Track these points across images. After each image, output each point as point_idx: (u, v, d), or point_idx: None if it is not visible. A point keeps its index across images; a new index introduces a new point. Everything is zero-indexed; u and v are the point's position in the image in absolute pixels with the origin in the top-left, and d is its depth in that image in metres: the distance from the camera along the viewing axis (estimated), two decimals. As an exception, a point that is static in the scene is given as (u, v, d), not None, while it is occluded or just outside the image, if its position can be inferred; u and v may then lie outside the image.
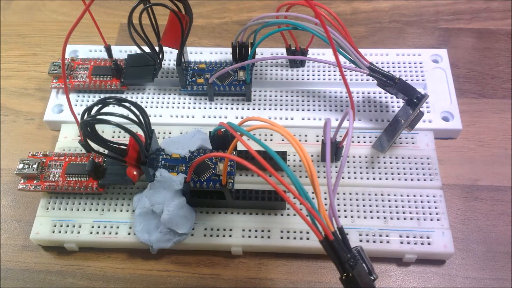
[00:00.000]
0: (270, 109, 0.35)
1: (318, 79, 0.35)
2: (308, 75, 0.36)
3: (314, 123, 0.34)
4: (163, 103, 0.35)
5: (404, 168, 0.32)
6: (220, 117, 0.34)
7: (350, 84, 0.35)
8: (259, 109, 0.35)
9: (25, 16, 0.43)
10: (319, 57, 0.37)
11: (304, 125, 0.34)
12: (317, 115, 0.34)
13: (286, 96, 0.35)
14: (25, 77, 0.39)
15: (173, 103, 0.35)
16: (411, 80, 0.35)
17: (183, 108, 0.35)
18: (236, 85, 0.34)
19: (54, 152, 0.32)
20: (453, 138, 0.34)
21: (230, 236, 0.30)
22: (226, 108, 0.35)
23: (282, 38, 0.34)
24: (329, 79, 0.35)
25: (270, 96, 0.35)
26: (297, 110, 0.34)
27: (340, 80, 0.35)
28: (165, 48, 0.34)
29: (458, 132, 0.34)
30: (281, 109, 0.34)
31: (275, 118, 0.34)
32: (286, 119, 0.34)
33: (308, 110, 0.34)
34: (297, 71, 0.36)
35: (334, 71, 0.36)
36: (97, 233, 0.30)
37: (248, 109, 0.35)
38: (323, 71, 0.36)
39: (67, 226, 0.30)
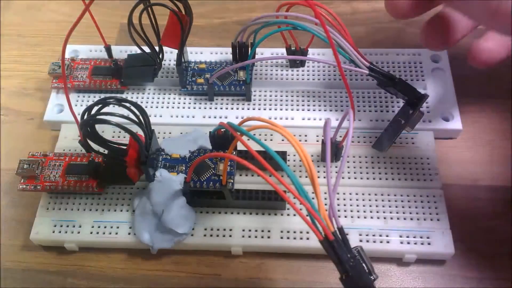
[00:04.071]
0: (270, 109, 0.35)
1: (318, 79, 0.35)
2: (308, 75, 0.36)
3: (314, 123, 0.34)
4: (163, 103, 0.35)
5: (404, 168, 0.32)
6: (220, 117, 0.34)
7: (350, 84, 0.35)
8: (259, 109, 0.35)
9: (25, 16, 0.43)
10: (319, 57, 0.37)
11: (304, 125, 0.34)
12: (317, 115, 0.34)
13: (286, 96, 0.35)
14: (25, 77, 0.39)
15: (173, 103, 0.35)
16: (411, 80, 0.35)
17: (183, 108, 0.35)
18: (236, 85, 0.34)
19: (54, 152, 0.32)
20: (453, 138, 0.34)
21: (230, 236, 0.30)
22: (226, 108, 0.35)
23: (282, 38, 0.34)
24: (329, 79, 0.35)
25: (270, 96, 0.35)
26: (297, 110, 0.34)
27: (340, 80, 0.35)
28: (165, 48, 0.34)
29: (458, 132, 0.34)
30: (281, 109, 0.34)
31: (275, 118, 0.34)
32: (286, 119, 0.34)
33: (308, 110, 0.34)
34: (297, 71, 0.36)
35: (334, 71, 0.36)
36: (97, 233, 0.30)
37: (248, 109, 0.35)
38: (323, 71, 0.36)
39: (67, 226, 0.30)
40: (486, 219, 0.31)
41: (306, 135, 0.33)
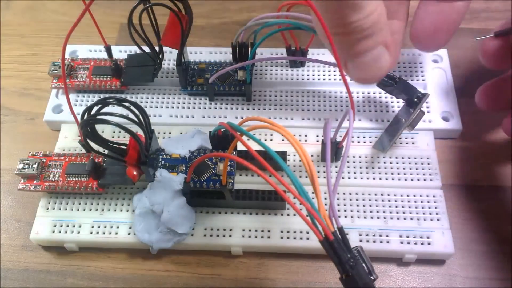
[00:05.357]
0: (270, 109, 0.35)
1: (318, 79, 0.35)
2: (308, 75, 0.36)
3: (314, 123, 0.34)
4: (163, 103, 0.35)
5: (404, 168, 0.31)
6: (220, 117, 0.34)
7: (350, 84, 0.34)
8: (259, 109, 0.35)
9: (25, 16, 0.43)
10: (319, 57, 0.37)
11: (304, 125, 0.34)
12: (317, 115, 0.34)
13: (286, 96, 0.35)
14: (25, 77, 0.39)
15: (173, 103, 0.35)
16: (411, 80, 0.35)
17: (183, 108, 0.35)
18: (236, 85, 0.34)
19: (54, 152, 0.32)
20: (453, 138, 0.34)
21: (230, 236, 0.30)
22: (226, 108, 0.35)
23: (282, 38, 0.34)
24: (329, 79, 0.35)
25: (270, 96, 0.35)
26: (297, 110, 0.34)
27: (340, 80, 0.35)
28: (165, 48, 0.34)
29: (458, 132, 0.34)
30: (281, 109, 0.34)
31: (275, 118, 0.34)
32: (286, 119, 0.34)
33: (308, 110, 0.34)
34: (297, 71, 0.36)
35: (334, 71, 0.36)
36: (97, 233, 0.30)
37: (248, 109, 0.35)
38: (323, 71, 0.36)
39: (67, 226, 0.30)
40: (486, 219, 0.31)
41: (306, 135, 0.33)
